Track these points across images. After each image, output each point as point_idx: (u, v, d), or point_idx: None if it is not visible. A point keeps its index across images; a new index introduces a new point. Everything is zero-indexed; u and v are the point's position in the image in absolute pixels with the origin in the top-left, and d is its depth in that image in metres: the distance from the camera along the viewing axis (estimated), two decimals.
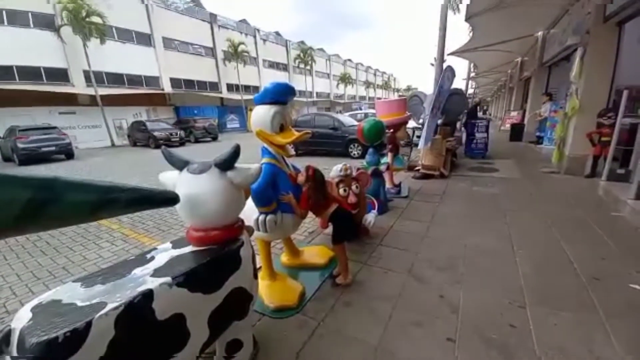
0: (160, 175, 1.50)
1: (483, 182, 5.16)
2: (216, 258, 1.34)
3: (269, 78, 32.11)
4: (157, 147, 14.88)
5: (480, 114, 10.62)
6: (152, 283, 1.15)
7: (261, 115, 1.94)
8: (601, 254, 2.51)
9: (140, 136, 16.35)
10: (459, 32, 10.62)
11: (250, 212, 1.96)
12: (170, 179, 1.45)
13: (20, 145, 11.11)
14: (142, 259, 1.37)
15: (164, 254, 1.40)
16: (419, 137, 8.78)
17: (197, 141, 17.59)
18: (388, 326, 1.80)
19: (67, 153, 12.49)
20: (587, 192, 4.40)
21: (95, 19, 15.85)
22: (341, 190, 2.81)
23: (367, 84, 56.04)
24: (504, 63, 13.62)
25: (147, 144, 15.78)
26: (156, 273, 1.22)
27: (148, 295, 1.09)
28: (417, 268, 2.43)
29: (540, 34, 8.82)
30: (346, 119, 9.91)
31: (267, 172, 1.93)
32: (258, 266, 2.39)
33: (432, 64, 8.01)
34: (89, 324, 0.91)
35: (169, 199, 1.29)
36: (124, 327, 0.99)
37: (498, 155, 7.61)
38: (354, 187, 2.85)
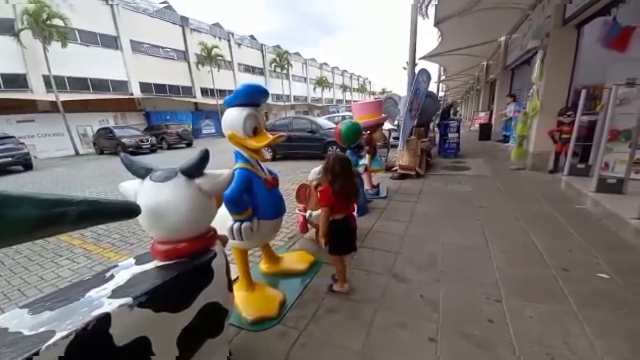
0: (120, 185, 1.38)
1: (457, 180, 5.33)
2: (185, 272, 1.24)
3: (245, 82, 31.65)
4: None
5: (452, 115, 11.06)
6: (110, 305, 1.03)
7: (233, 118, 1.85)
8: (568, 245, 2.64)
9: (107, 144, 15.44)
10: (430, 37, 11.03)
11: (224, 220, 1.87)
12: (131, 188, 1.33)
13: None
14: (99, 279, 1.24)
15: (125, 272, 1.27)
16: (396, 138, 9.03)
17: (170, 148, 16.90)
18: (371, 330, 1.77)
19: (25, 164, 11.54)
20: (551, 186, 4.67)
21: (57, 22, 14.85)
22: (319, 194, 2.77)
23: (344, 88, 56.86)
24: (471, 67, 14.31)
25: (115, 152, 14.92)
26: (115, 294, 1.11)
27: (104, 319, 0.98)
28: (398, 268, 2.43)
29: (503, 39, 9.36)
30: (324, 121, 9.93)
31: (240, 178, 1.85)
32: (235, 277, 2.30)
33: (405, 68, 8.24)
34: (35, 356, 0.79)
35: (129, 210, 1.18)
36: (76, 358, 0.88)
37: (469, 154, 7.92)
38: None
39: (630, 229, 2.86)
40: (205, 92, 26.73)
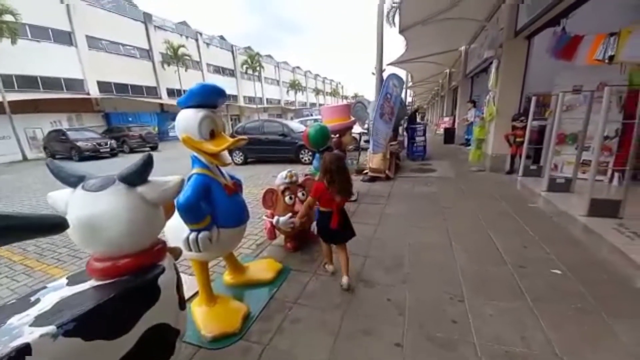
0: (48, 195, 1.21)
1: (424, 182, 5.51)
2: (123, 293, 1.10)
3: (216, 83, 30.65)
4: (82, 159, 13.08)
5: (418, 120, 11.50)
6: (30, 335, 0.88)
7: (187, 120, 1.72)
8: (523, 242, 2.80)
9: (60, 147, 14.14)
10: (399, 43, 11.43)
11: (178, 230, 1.73)
12: (61, 199, 1.17)
13: None
14: (23, 303, 1.08)
15: (53, 295, 1.11)
16: (366, 141, 9.18)
17: (132, 151, 15.86)
18: (338, 339, 1.72)
19: None
20: (508, 187, 4.97)
21: (7, 17, 13.38)
22: (287, 199, 2.70)
23: (317, 91, 57.26)
24: (435, 74, 15.04)
25: (69, 156, 13.71)
26: (37, 321, 0.96)
27: (23, 351, 0.84)
28: (366, 271, 2.41)
29: (463, 48, 9.93)
30: (295, 125, 9.87)
31: (196, 184, 1.72)
32: (194, 291, 2.14)
33: (374, 73, 8.44)
34: None
35: (53, 225, 1.02)
36: None
37: (435, 157, 8.26)
38: (300, 194, 2.76)
39: (579, 226, 3.10)
40: (172, 92, 25.49)
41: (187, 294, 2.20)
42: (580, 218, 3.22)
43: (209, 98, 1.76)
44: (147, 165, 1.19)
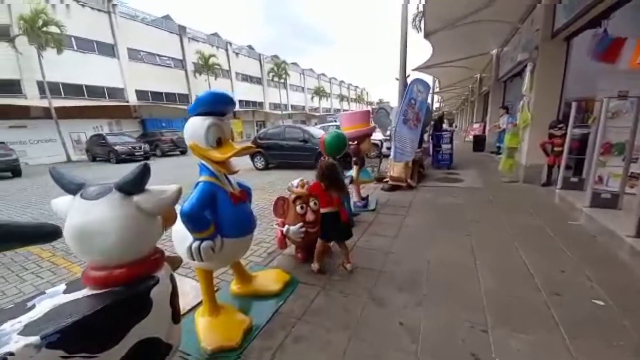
0: (52, 201, 1.23)
1: (448, 192, 5.20)
2: (112, 305, 1.07)
3: (242, 91, 31.89)
4: (119, 162, 13.98)
5: (445, 126, 11.04)
6: (16, 344, 0.87)
7: (194, 127, 1.71)
8: (561, 265, 2.49)
9: (100, 150, 15.27)
10: (425, 48, 11.13)
11: (183, 237, 1.71)
12: (63, 206, 1.18)
13: None
14: (19, 309, 1.08)
15: (48, 302, 1.11)
16: (388, 148, 8.94)
17: (164, 155, 16.73)
18: None
19: (14, 170, 11.31)
20: (544, 200, 4.54)
21: (52, 29, 14.86)
22: (298, 208, 2.62)
23: (341, 97, 57.39)
24: (464, 79, 14.42)
25: (107, 159, 14.76)
26: (27, 329, 0.94)
27: None
28: (378, 289, 2.26)
29: (494, 52, 9.43)
30: (316, 131, 9.84)
31: (201, 192, 1.69)
32: (198, 301, 2.11)
33: (397, 79, 8.24)
34: None
35: (46, 233, 1.02)
36: None
37: (462, 166, 7.83)
38: (312, 203, 2.66)
39: (626, 248, 2.71)
40: None
41: (193, 302, 2.20)
42: (628, 239, 2.83)
43: (216, 106, 1.74)
44: (143, 174, 1.16)
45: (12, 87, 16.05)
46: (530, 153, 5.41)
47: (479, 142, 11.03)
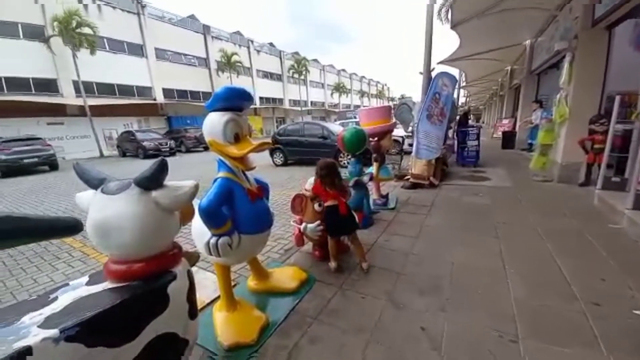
0: (76, 195, 1.26)
1: (474, 191, 4.95)
2: (131, 299, 1.08)
3: (263, 87, 32.28)
4: (147, 157, 14.62)
5: (471, 122, 10.53)
6: (35, 337, 0.89)
7: (213, 123, 1.70)
8: (601, 273, 2.28)
9: (129, 146, 16.06)
10: (450, 40, 10.65)
11: (202, 233, 1.72)
12: (86, 200, 1.20)
13: (2, 157, 10.78)
14: (42, 301, 1.11)
15: (70, 294, 1.13)
16: (410, 145, 8.68)
17: (188, 151, 17.34)
18: None
19: (51, 164, 12.17)
20: (581, 201, 4.21)
21: (85, 30, 15.75)
22: (316, 205, 2.58)
23: (362, 93, 56.61)
24: (493, 72, 13.69)
25: (136, 154, 15.50)
26: (47, 322, 0.96)
27: (25, 353, 0.84)
28: (398, 292, 2.17)
29: (528, 42, 8.83)
30: (336, 127, 9.73)
31: (219, 188, 1.69)
32: (217, 295, 2.13)
33: (421, 73, 7.94)
34: None
35: (66, 227, 1.04)
36: None
37: (490, 164, 7.44)
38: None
39: None
40: None
41: (212, 295, 2.23)
42: None
43: (234, 101, 1.73)
44: (161, 169, 1.16)
45: (49, 86, 17.25)
46: (567, 150, 5.02)
47: (508, 139, 10.43)
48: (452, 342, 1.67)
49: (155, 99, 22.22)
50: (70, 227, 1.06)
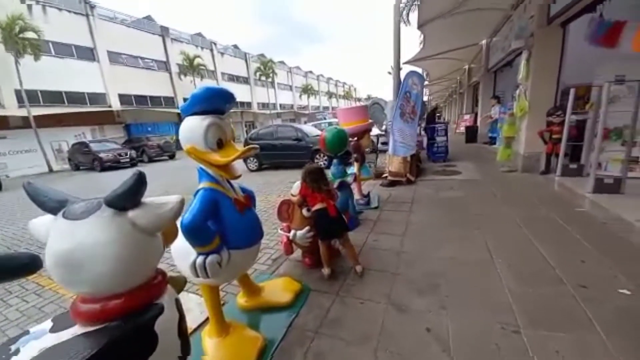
0: (30, 222, 1.03)
1: (448, 186, 5.12)
2: (110, 345, 0.89)
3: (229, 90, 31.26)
4: (104, 169, 13.46)
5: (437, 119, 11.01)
6: None
7: (192, 128, 1.52)
8: (579, 255, 2.41)
9: (83, 159, 14.66)
10: (413, 42, 11.08)
11: (186, 252, 1.52)
12: (43, 227, 0.98)
13: None
14: (2, 353, 0.89)
15: (33, 345, 0.92)
16: (383, 143, 8.84)
17: (151, 160, 16.20)
18: None
19: None
20: (545, 188, 4.51)
21: (29, 35, 14.12)
22: (304, 211, 2.46)
23: (330, 95, 57.23)
24: (453, 70, 14.48)
25: (91, 167, 14.18)
26: None
27: None
28: (396, 294, 2.12)
29: (484, 42, 9.42)
30: (310, 129, 9.67)
31: (203, 201, 1.51)
32: (204, 318, 1.93)
33: (390, 72, 8.12)
34: None
35: (19, 267, 0.83)
36: None
37: (458, 158, 7.80)
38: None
39: (638, 233, 2.67)
40: None
41: (199, 319, 2.02)
42: (638, 224, 2.79)
43: (215, 103, 1.56)
44: (138, 185, 0.98)
45: None
46: (528, 142, 5.38)
47: (471, 133, 11.06)
48: (458, 340, 1.64)
49: (110, 106, 20.52)
50: (24, 265, 0.85)
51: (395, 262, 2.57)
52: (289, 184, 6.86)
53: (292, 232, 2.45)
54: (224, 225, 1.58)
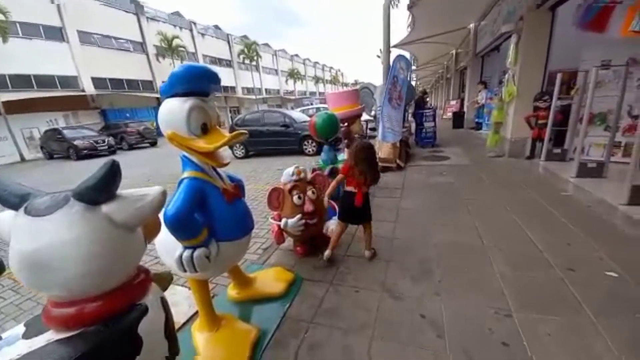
0: None
1: (437, 171, 5.15)
2: (89, 353, 0.80)
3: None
4: (81, 158, 12.80)
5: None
6: None
7: (172, 111, 1.38)
8: (565, 238, 2.47)
9: (57, 147, 13.87)
10: (401, 25, 10.85)
11: (172, 246, 1.42)
12: (5, 224, 0.86)
13: None
14: None
15: (6, 351, 0.83)
16: (372, 129, 8.78)
17: (131, 148, 15.53)
18: None
19: None
20: (532, 173, 4.61)
21: None
22: (295, 198, 2.37)
23: (316, 79, 56.19)
24: (440, 55, 14.38)
25: (67, 156, 13.46)
26: None
27: None
28: (390, 280, 2.11)
29: (472, 26, 9.33)
30: (298, 114, 9.44)
31: (188, 191, 1.40)
32: (194, 312, 1.86)
33: (379, 56, 7.95)
34: None
35: None
36: None
37: (446, 143, 7.85)
38: (309, 192, 2.43)
39: (622, 216, 2.76)
40: None
41: (189, 312, 1.94)
42: (621, 207, 2.88)
43: (197, 83, 1.42)
44: (111, 175, 0.86)
45: None
46: (515, 127, 5.44)
47: (458, 119, 11.15)
48: (453, 326, 1.65)
49: (83, 90, 19.32)
50: None
51: (389, 249, 2.55)
52: (277, 171, 6.76)
53: (284, 220, 2.37)
54: (211, 216, 1.49)
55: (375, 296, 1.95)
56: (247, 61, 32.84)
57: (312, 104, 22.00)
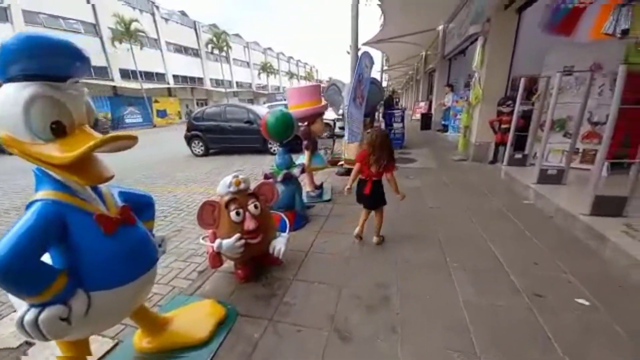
0: None
1: (404, 174, 4.96)
2: None
3: (177, 64, 28.25)
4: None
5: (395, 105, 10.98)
6: None
7: (4, 104, 0.92)
8: (531, 256, 2.30)
9: None
10: (374, 23, 10.68)
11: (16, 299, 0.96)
12: None
13: None
14: None
15: None
16: (341, 128, 8.49)
17: None
18: None
19: None
20: (494, 178, 4.57)
21: None
22: (233, 214, 1.95)
23: (290, 75, 55.25)
24: (411, 56, 14.50)
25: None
26: None
27: None
28: (341, 314, 1.77)
29: (441, 27, 9.37)
30: (263, 110, 8.88)
31: (36, 221, 0.94)
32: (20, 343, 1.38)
33: (348, 52, 7.66)
34: None
35: None
36: None
37: (413, 145, 7.79)
38: (251, 207, 2.02)
39: (584, 228, 2.66)
40: (126, 74, 22.91)
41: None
42: (583, 218, 2.80)
43: (47, 61, 0.95)
44: None
45: None
46: (480, 131, 5.42)
47: (426, 121, 11.26)
48: None
49: None
50: None
51: (344, 271, 2.22)
52: (238, 170, 6.24)
53: (217, 241, 1.94)
54: (78, 255, 1.04)
55: (322, 337, 1.60)
56: (216, 51, 31.23)
57: (284, 99, 21.41)
